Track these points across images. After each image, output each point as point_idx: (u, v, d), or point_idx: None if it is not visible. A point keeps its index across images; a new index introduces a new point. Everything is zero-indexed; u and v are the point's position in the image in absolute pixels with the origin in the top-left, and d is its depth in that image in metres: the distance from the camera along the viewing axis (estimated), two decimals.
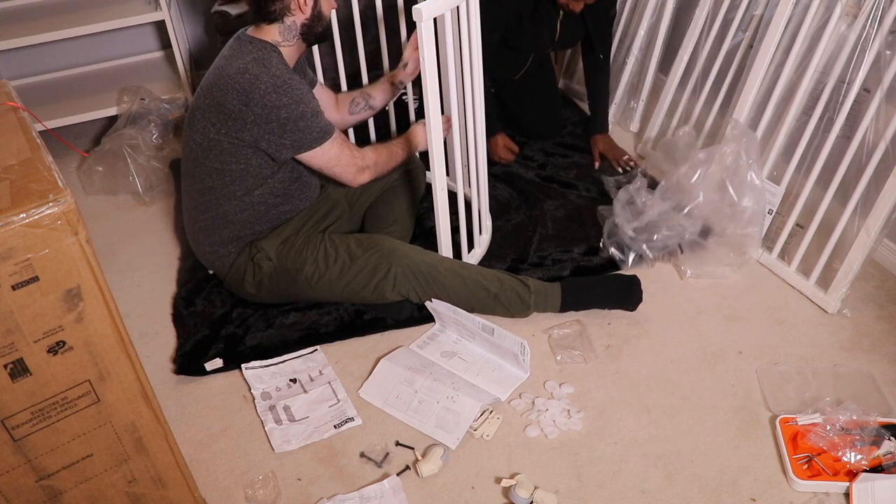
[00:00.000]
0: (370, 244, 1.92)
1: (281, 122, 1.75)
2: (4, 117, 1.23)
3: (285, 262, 1.92)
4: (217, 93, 1.76)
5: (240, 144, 1.79)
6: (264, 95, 1.72)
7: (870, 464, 1.52)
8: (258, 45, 1.77)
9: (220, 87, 1.76)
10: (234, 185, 1.85)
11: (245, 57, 1.75)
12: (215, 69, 1.80)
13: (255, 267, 1.93)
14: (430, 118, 1.77)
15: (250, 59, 1.74)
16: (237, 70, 1.74)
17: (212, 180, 1.85)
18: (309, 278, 1.91)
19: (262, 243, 1.92)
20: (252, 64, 1.74)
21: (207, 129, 1.80)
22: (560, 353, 1.87)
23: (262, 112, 1.73)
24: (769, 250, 2.13)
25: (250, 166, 1.83)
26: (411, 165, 2.25)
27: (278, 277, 1.93)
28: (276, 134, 1.77)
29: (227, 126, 1.77)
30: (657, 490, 1.55)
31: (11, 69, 3.04)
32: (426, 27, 1.64)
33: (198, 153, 1.84)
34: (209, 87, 1.79)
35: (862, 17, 1.87)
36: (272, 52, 1.77)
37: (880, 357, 1.83)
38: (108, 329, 1.13)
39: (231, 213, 1.89)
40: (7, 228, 0.98)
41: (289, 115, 1.75)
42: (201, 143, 1.82)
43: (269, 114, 1.74)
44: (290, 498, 1.58)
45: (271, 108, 1.73)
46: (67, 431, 1.19)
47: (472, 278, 1.92)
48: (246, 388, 1.83)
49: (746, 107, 2.18)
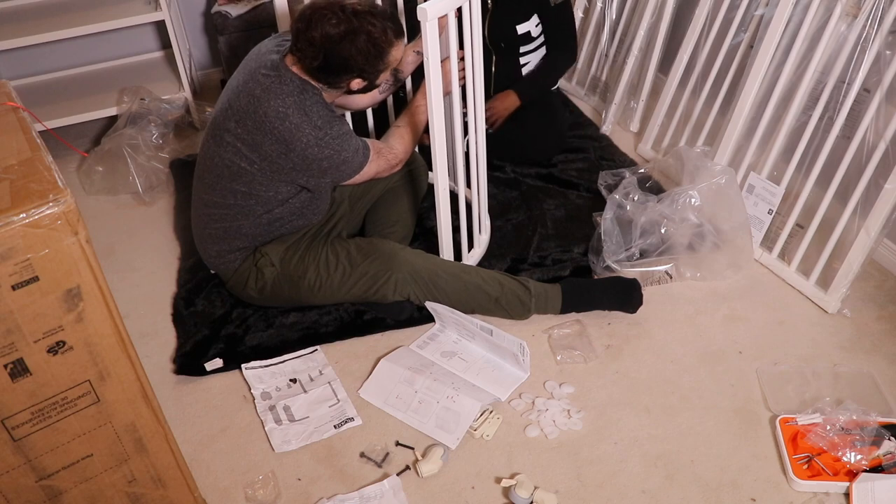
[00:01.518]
0: (371, 250, 1.92)
1: (323, 170, 1.78)
2: (4, 117, 1.23)
3: (288, 269, 1.92)
4: (253, 129, 1.72)
5: (276, 180, 1.79)
6: (306, 148, 1.71)
7: (870, 464, 1.52)
8: (300, 86, 1.71)
9: (256, 126, 1.71)
10: (258, 207, 1.85)
11: (285, 98, 1.69)
12: (248, 95, 1.72)
13: (258, 273, 1.93)
14: (432, 118, 1.77)
15: (291, 103, 1.69)
16: (276, 114, 1.68)
17: (234, 199, 1.84)
18: (311, 285, 1.92)
19: (266, 248, 1.92)
20: (293, 110, 1.69)
21: (239, 159, 1.77)
22: (560, 353, 1.87)
23: (303, 162, 1.75)
24: (769, 250, 2.13)
25: (279, 193, 1.83)
26: (414, 165, 2.25)
27: (281, 283, 1.93)
28: (316, 176, 1.80)
29: (263, 165, 1.76)
30: (657, 490, 1.55)
31: (11, 69, 3.04)
32: (431, 27, 1.64)
33: (223, 172, 1.80)
34: (242, 115, 1.72)
35: (862, 17, 1.87)
36: (313, 96, 1.72)
37: (880, 357, 1.83)
38: (108, 329, 1.13)
39: (246, 228, 1.88)
40: (7, 228, 0.98)
41: (330, 164, 1.77)
42: (230, 167, 1.79)
43: (311, 164, 1.76)
44: (290, 498, 1.58)
45: (312, 160, 1.74)
46: (67, 431, 1.19)
47: (473, 282, 1.92)
48: (246, 388, 1.83)
49: (746, 107, 2.18)
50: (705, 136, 2.46)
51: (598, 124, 2.88)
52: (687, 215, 2.06)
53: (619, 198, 2.10)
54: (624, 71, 2.79)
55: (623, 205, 2.09)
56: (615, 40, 2.93)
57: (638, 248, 2.08)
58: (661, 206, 2.07)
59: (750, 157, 2.20)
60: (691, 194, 2.06)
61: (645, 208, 2.07)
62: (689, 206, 2.06)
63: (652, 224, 2.07)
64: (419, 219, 2.31)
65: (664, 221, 2.06)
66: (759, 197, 2.14)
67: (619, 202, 2.09)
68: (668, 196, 2.09)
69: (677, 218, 2.06)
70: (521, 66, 2.53)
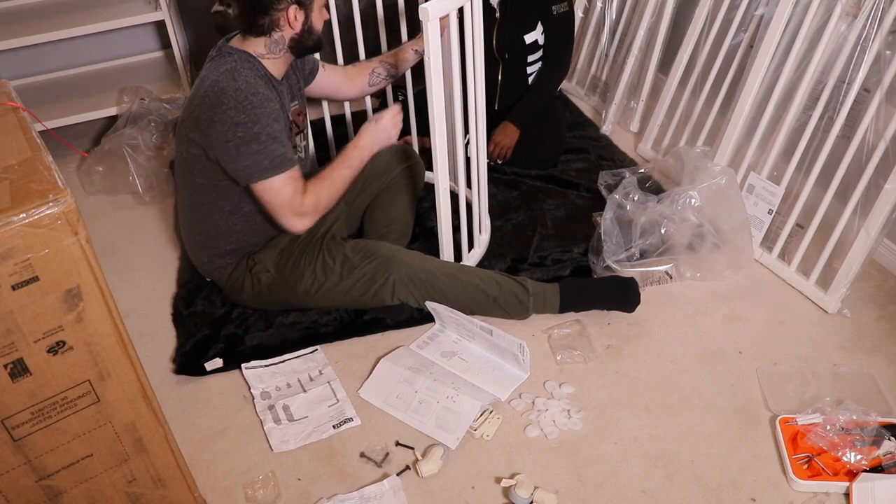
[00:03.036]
0: (368, 252, 1.91)
1: (236, 143, 1.66)
2: (4, 117, 1.23)
3: (283, 274, 1.91)
4: (194, 106, 1.71)
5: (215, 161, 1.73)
6: (226, 111, 1.64)
7: (870, 464, 1.52)
8: (236, 56, 1.71)
9: (196, 101, 1.70)
10: (222, 201, 1.81)
11: (220, 68, 1.69)
12: (198, 83, 1.74)
13: (253, 279, 1.92)
14: (433, 118, 1.77)
15: (223, 71, 1.68)
16: (211, 83, 1.68)
17: (199, 196, 1.82)
18: (308, 288, 1.91)
19: (259, 255, 1.91)
20: (223, 76, 1.67)
21: (189, 145, 1.75)
22: (560, 353, 1.87)
23: (223, 129, 1.65)
24: (769, 250, 2.13)
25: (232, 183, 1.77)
26: (411, 163, 2.23)
27: (277, 288, 1.93)
28: (232, 156, 1.68)
29: (202, 141, 1.71)
30: (657, 490, 1.55)
31: (11, 69, 3.04)
32: (432, 27, 1.64)
33: (184, 168, 1.80)
34: (190, 100, 1.75)
35: (862, 17, 1.87)
36: (246, 63, 1.71)
37: (880, 357, 1.83)
38: (108, 329, 1.13)
39: (224, 227, 1.86)
40: (7, 228, 0.98)
41: (244, 134, 1.65)
42: (187, 159, 1.77)
43: (227, 132, 1.65)
44: (290, 498, 1.58)
45: (229, 126, 1.64)
46: (67, 431, 1.19)
47: (471, 283, 1.92)
48: (246, 388, 1.83)
49: (746, 107, 2.19)
50: (705, 136, 2.46)
51: (598, 124, 2.88)
52: (687, 215, 2.06)
53: (619, 198, 2.10)
54: (624, 71, 2.79)
55: (623, 205, 2.09)
56: (615, 40, 2.93)
57: (638, 249, 2.08)
58: (661, 207, 2.07)
59: (750, 157, 2.20)
60: (691, 194, 2.06)
61: (645, 208, 2.07)
62: (689, 207, 2.06)
63: (652, 224, 2.07)
64: (419, 219, 2.31)
65: (664, 221, 2.06)
66: (759, 197, 2.14)
67: (619, 202, 2.09)
68: (668, 196, 2.09)
69: (677, 218, 2.06)
70: (528, 75, 2.53)
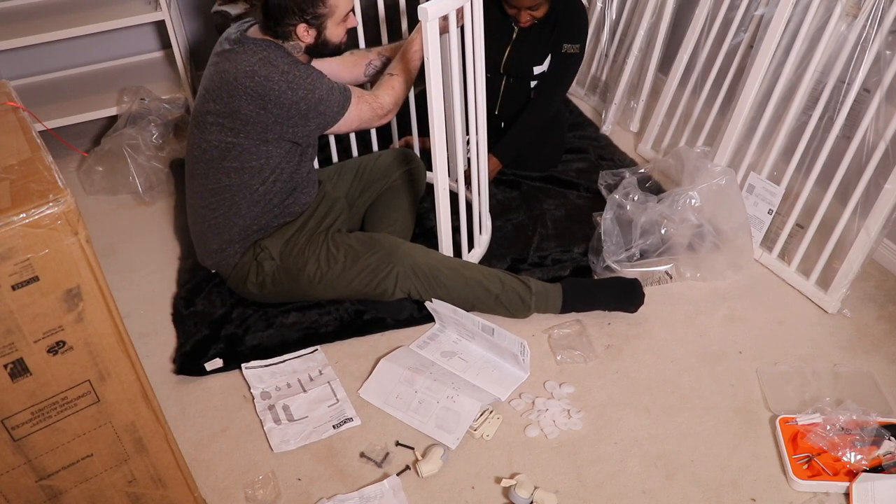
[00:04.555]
0: (372, 243, 1.92)
1: (302, 114, 1.77)
2: (4, 117, 1.23)
3: (288, 262, 1.92)
4: (228, 98, 1.75)
5: (263, 142, 1.80)
6: (280, 95, 1.73)
7: (870, 464, 1.52)
8: (262, 45, 1.76)
9: (230, 93, 1.74)
10: (252, 180, 1.86)
11: (251, 58, 1.74)
12: (219, 72, 1.78)
13: (258, 267, 1.93)
14: (433, 118, 1.77)
15: (256, 61, 1.73)
16: (245, 74, 1.73)
17: (229, 179, 1.85)
18: (311, 278, 1.91)
19: (266, 242, 1.92)
20: (260, 65, 1.73)
21: (224, 135, 1.79)
22: (560, 353, 1.87)
23: (282, 111, 1.75)
24: (769, 250, 2.13)
25: (271, 158, 1.84)
26: (412, 165, 2.25)
27: (281, 277, 1.93)
28: (300, 125, 1.79)
29: (247, 130, 1.77)
30: (657, 490, 1.55)
31: (11, 69, 3.04)
32: (431, 27, 1.64)
33: (213, 155, 1.83)
34: (217, 91, 1.77)
35: (862, 17, 1.87)
36: (277, 50, 1.77)
37: (880, 357, 1.83)
38: (108, 329, 1.13)
39: (244, 208, 1.88)
40: (7, 228, 0.98)
41: (308, 106, 1.76)
42: (218, 147, 1.81)
43: (290, 110, 1.75)
44: (290, 498, 1.58)
45: (290, 105, 1.74)
46: (67, 431, 1.19)
47: (474, 278, 1.92)
48: (246, 388, 1.83)
49: (746, 107, 2.18)
50: (705, 136, 2.46)
51: (598, 124, 2.88)
52: (687, 215, 2.06)
53: (619, 198, 2.10)
54: (624, 71, 2.79)
55: (623, 205, 2.09)
56: (615, 40, 2.93)
57: (638, 249, 2.08)
58: (661, 207, 2.07)
59: (750, 157, 2.20)
60: (691, 195, 2.06)
61: (645, 208, 2.07)
62: (689, 207, 2.06)
63: (652, 224, 2.07)
64: (419, 219, 2.31)
65: (664, 222, 2.06)
66: (759, 197, 2.14)
67: (619, 202, 2.09)
68: (668, 196, 2.09)
69: (677, 218, 2.06)
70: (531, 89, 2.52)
